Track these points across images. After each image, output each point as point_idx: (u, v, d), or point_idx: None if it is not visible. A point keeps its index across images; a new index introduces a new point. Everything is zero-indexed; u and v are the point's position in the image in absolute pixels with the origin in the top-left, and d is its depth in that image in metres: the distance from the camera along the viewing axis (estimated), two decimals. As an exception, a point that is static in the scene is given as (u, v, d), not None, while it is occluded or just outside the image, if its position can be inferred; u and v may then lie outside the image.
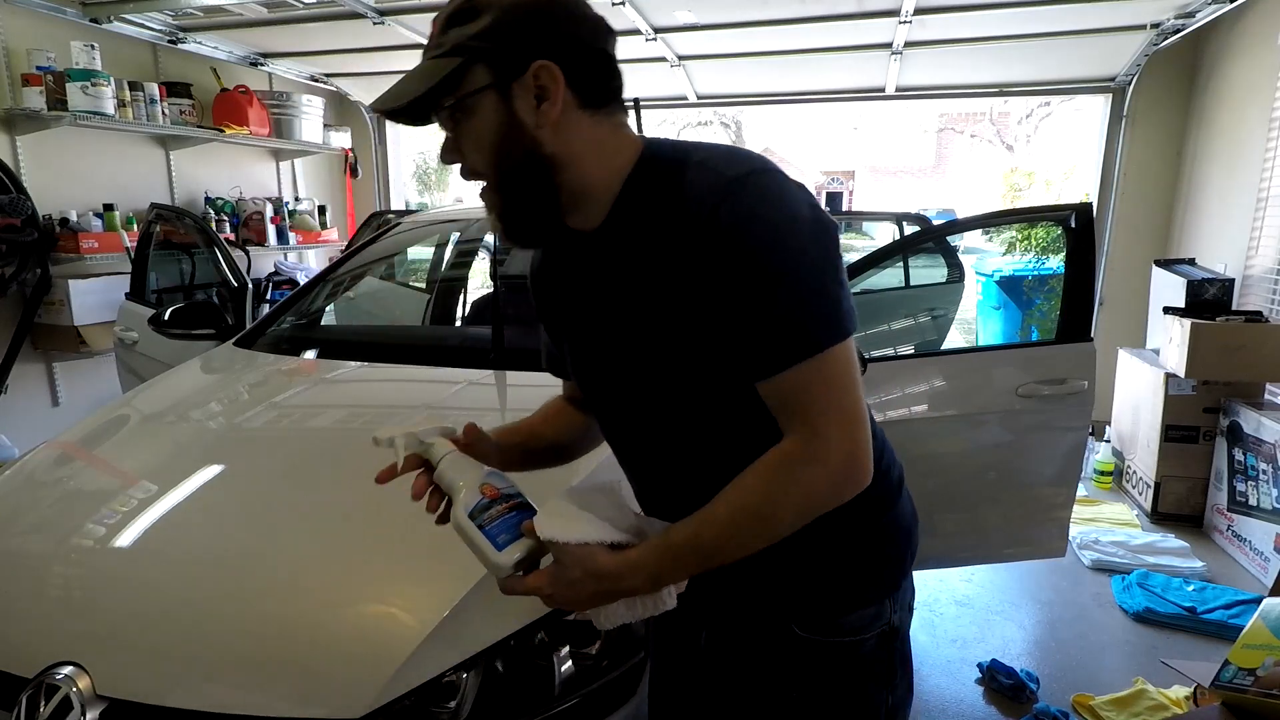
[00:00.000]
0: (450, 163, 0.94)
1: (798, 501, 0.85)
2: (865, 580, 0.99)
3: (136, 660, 1.10)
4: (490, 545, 0.87)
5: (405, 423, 0.94)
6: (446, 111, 0.88)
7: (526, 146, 0.88)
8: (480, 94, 0.86)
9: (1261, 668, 1.14)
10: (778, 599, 0.98)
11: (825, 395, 0.83)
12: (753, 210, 0.83)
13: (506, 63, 0.86)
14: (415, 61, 0.90)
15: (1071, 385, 2.21)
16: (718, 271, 0.83)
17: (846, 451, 0.84)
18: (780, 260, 0.82)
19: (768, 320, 0.83)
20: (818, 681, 0.99)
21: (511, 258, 2.69)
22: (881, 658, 1.01)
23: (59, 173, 3.79)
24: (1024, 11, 3.73)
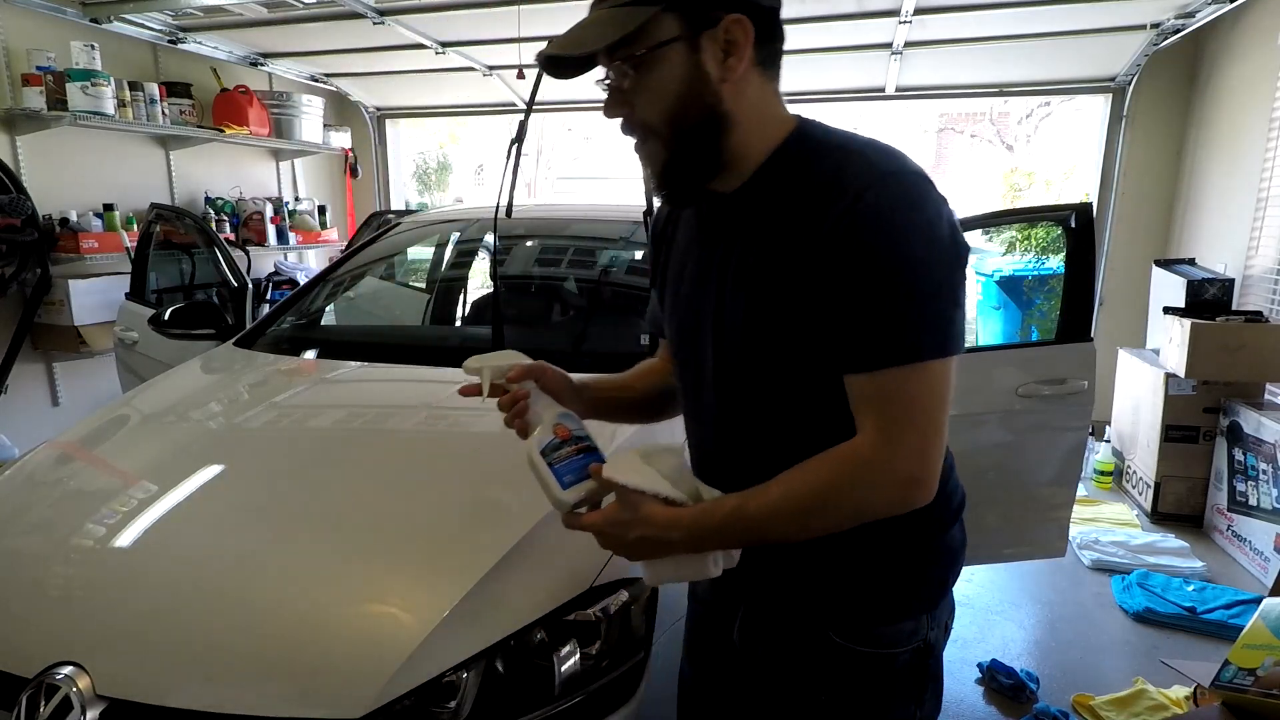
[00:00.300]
0: (615, 116, 0.93)
1: (854, 502, 0.85)
2: (907, 595, 0.98)
3: (136, 660, 1.10)
4: (556, 482, 0.93)
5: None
6: (628, 62, 0.87)
7: (708, 101, 0.88)
8: (670, 45, 0.85)
9: (1261, 668, 1.14)
10: (819, 601, 0.98)
11: (911, 406, 0.83)
12: (894, 208, 0.82)
13: (700, 13, 0.85)
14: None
15: (1071, 385, 2.21)
16: (843, 257, 0.83)
17: (915, 466, 0.83)
18: (906, 262, 0.81)
19: (877, 316, 0.82)
20: (848, 689, 0.99)
21: (511, 258, 2.69)
22: (913, 673, 1.00)
23: (59, 173, 3.79)
24: (1024, 11, 3.73)
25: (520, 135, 1.85)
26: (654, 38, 0.85)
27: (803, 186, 0.88)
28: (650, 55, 0.86)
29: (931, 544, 0.98)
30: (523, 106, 5.41)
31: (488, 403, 1.04)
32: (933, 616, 0.99)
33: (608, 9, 0.87)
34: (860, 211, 0.82)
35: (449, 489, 1.43)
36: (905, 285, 0.81)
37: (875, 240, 0.81)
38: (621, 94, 0.90)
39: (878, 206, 0.82)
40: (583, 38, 0.87)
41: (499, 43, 4.45)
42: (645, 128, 0.91)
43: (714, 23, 0.85)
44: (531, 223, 2.75)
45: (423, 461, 1.54)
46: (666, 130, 0.90)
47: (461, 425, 1.71)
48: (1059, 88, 5.01)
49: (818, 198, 0.85)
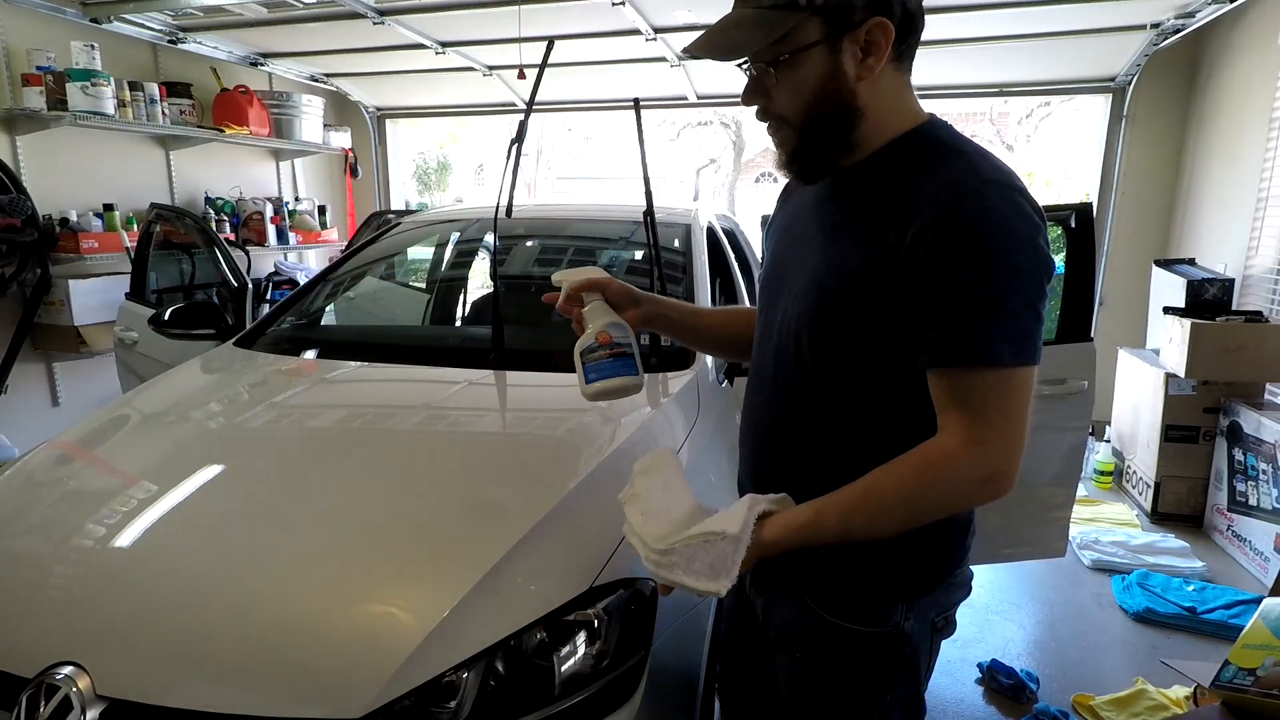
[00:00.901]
0: (753, 104, 1.00)
1: (947, 498, 0.91)
2: (884, 582, 1.04)
3: (136, 660, 1.10)
4: (582, 377, 1.10)
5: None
6: (770, 63, 0.93)
7: (843, 98, 0.94)
8: (812, 48, 0.91)
9: (1261, 668, 1.14)
10: (807, 572, 1.06)
11: (1001, 408, 0.88)
12: (995, 215, 0.87)
13: (843, 17, 0.91)
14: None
15: (1071, 385, 2.21)
16: (941, 250, 0.87)
17: (1003, 465, 0.88)
18: (1000, 268, 0.86)
19: (980, 315, 0.86)
20: (818, 653, 1.09)
21: (511, 258, 2.69)
22: (884, 657, 1.06)
23: (59, 173, 3.79)
24: (1024, 11, 3.73)
25: (520, 135, 1.85)
26: (797, 42, 0.91)
27: (913, 178, 0.93)
28: (793, 58, 0.92)
29: (919, 543, 1.01)
30: (523, 106, 5.42)
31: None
32: (910, 607, 1.04)
33: (753, 9, 0.92)
34: (960, 214, 0.87)
35: (449, 489, 1.43)
36: (996, 289, 0.86)
37: (971, 242, 0.86)
38: (760, 86, 0.97)
39: (977, 212, 0.87)
40: (735, 41, 0.93)
41: (499, 43, 4.45)
42: (780, 118, 0.98)
43: (856, 25, 0.91)
44: (531, 223, 2.75)
45: (423, 461, 1.54)
46: (800, 122, 0.96)
47: (462, 425, 1.71)
48: (1059, 88, 5.01)
49: (925, 191, 0.90)
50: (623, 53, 4.59)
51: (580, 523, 1.32)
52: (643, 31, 4.07)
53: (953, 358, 0.88)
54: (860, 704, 1.08)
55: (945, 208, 0.87)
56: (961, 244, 0.86)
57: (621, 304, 1.17)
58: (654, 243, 1.96)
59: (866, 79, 0.94)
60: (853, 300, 0.95)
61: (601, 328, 1.11)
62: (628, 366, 1.10)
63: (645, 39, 4.17)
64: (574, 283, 1.16)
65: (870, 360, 0.96)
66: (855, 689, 1.08)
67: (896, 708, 1.08)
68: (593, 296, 1.16)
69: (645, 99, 2.08)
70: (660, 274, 1.97)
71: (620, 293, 1.18)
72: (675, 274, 2.19)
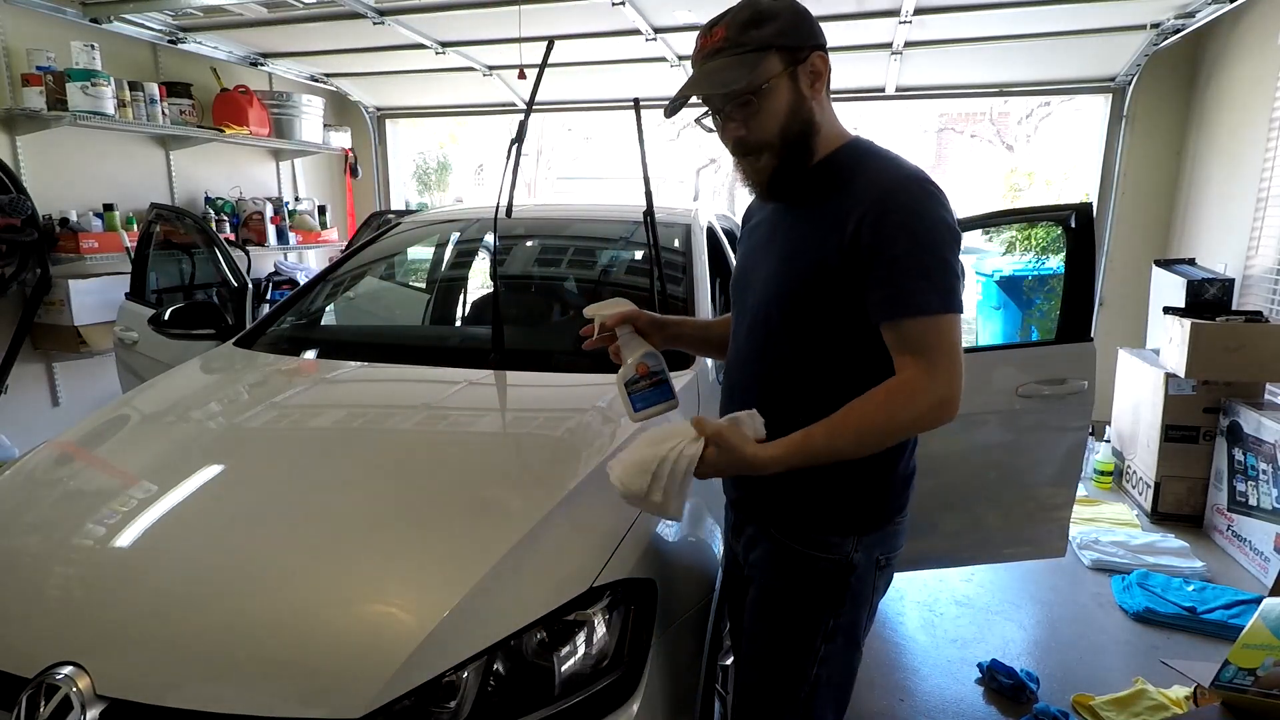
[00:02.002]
0: (734, 137, 1.22)
1: (910, 419, 1.13)
2: (836, 514, 1.25)
3: (136, 660, 1.10)
4: (629, 405, 1.29)
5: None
6: (748, 95, 1.16)
7: (806, 117, 1.19)
8: (778, 78, 1.16)
9: (1261, 668, 1.14)
10: (772, 503, 1.29)
11: (940, 345, 1.12)
12: (916, 202, 1.13)
13: (796, 53, 1.17)
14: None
15: (1071, 385, 2.21)
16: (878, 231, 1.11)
17: (952, 390, 1.12)
18: (923, 242, 1.11)
19: (913, 277, 1.11)
20: (776, 576, 1.30)
21: (511, 258, 2.69)
22: (831, 582, 1.26)
23: (59, 173, 3.79)
24: (1024, 11, 3.73)
25: (520, 135, 1.85)
26: (769, 73, 1.16)
27: (853, 180, 1.17)
28: (765, 88, 1.16)
29: (870, 486, 1.25)
30: (523, 106, 5.41)
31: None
32: (860, 540, 1.25)
33: (731, 56, 1.16)
34: (888, 207, 1.12)
35: (449, 489, 1.43)
36: (928, 258, 1.11)
37: (902, 227, 1.11)
38: (737, 120, 1.19)
39: (903, 204, 1.13)
40: (727, 79, 1.15)
41: (499, 43, 4.46)
42: (760, 144, 1.20)
43: (803, 59, 1.18)
44: (531, 223, 2.75)
45: (423, 462, 1.54)
46: (779, 142, 1.19)
47: (462, 425, 1.71)
48: (1059, 88, 5.01)
49: (863, 190, 1.15)
50: (623, 53, 4.59)
51: (580, 523, 1.32)
52: (643, 31, 4.07)
53: (897, 311, 1.12)
54: (807, 624, 1.27)
55: (878, 199, 1.13)
56: (894, 225, 1.11)
57: (649, 332, 1.37)
58: (654, 243, 1.96)
59: (817, 100, 1.20)
60: (813, 279, 1.19)
61: (639, 359, 1.30)
62: (666, 392, 1.30)
63: (645, 39, 4.17)
64: (606, 317, 1.34)
65: (829, 327, 1.20)
66: (805, 609, 1.27)
67: (839, 634, 1.27)
68: (624, 328, 1.33)
69: (645, 99, 2.08)
70: (660, 274, 1.97)
71: (649, 323, 1.38)
72: (675, 274, 2.19)
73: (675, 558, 1.42)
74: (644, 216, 1.95)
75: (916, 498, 1.32)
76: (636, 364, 1.29)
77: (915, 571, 3.08)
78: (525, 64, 3.95)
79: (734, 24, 1.17)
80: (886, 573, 1.31)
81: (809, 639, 1.27)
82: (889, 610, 2.91)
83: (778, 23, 1.16)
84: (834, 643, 1.27)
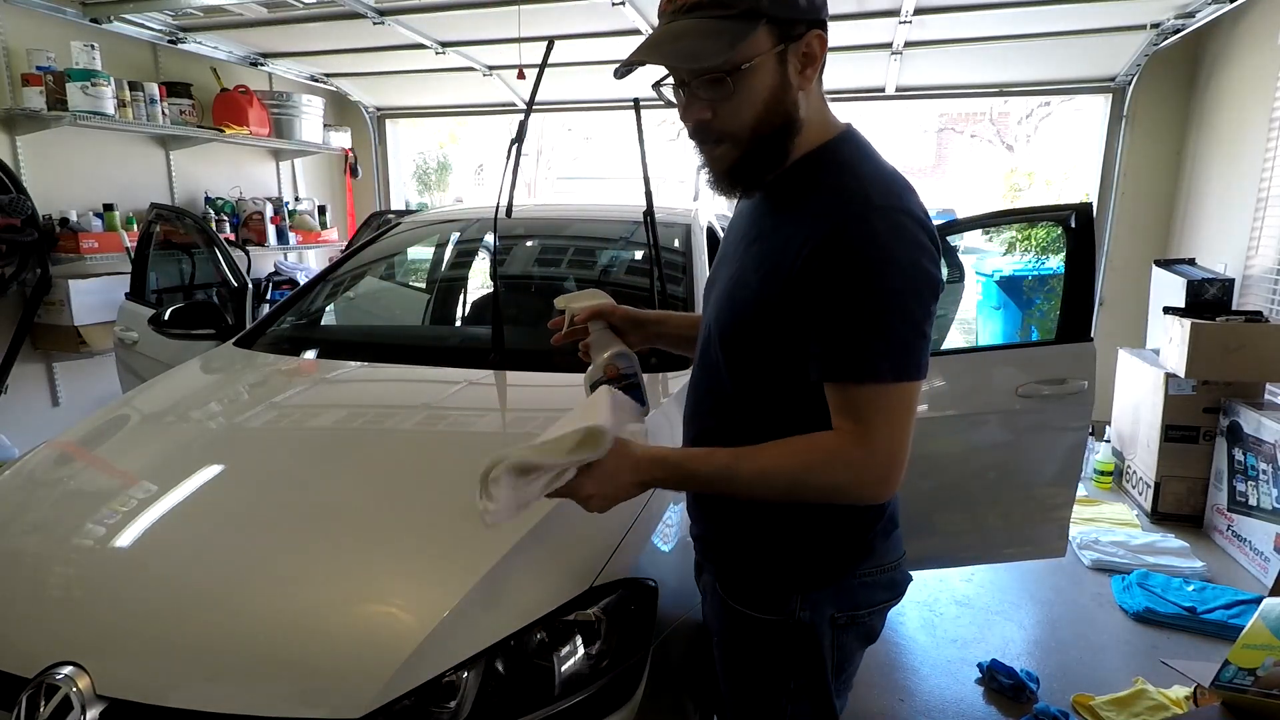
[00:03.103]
0: (698, 119, 0.97)
1: (827, 486, 0.95)
2: (777, 569, 1.09)
3: (136, 660, 1.10)
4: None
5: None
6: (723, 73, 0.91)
7: (787, 108, 0.96)
8: (764, 57, 0.92)
9: (1261, 668, 1.14)
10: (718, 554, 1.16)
11: (885, 420, 0.92)
12: (877, 240, 0.90)
13: (789, 29, 0.92)
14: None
15: (1071, 385, 2.21)
16: (824, 277, 0.91)
17: (889, 470, 0.93)
18: (880, 290, 0.89)
19: (854, 334, 0.91)
20: (738, 644, 1.15)
21: (511, 258, 2.69)
22: (784, 644, 1.10)
23: (59, 173, 3.79)
24: (1024, 11, 3.73)
25: (520, 135, 1.85)
26: (755, 50, 0.91)
27: (813, 196, 0.97)
28: (746, 69, 0.91)
29: (812, 538, 1.07)
30: (523, 106, 5.41)
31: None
32: (807, 598, 1.07)
33: (707, 19, 0.90)
34: (847, 238, 0.90)
35: (449, 489, 1.43)
36: (873, 311, 0.90)
37: (853, 267, 0.90)
38: (703, 100, 0.95)
39: (864, 237, 0.90)
40: (696, 49, 0.90)
41: (499, 43, 4.45)
42: (722, 133, 0.97)
43: (798, 37, 0.93)
44: (531, 223, 2.75)
45: (423, 461, 1.54)
46: (746, 135, 0.96)
47: (462, 425, 1.72)
48: (1059, 88, 5.01)
49: (816, 213, 0.94)
50: (623, 53, 4.55)
51: (580, 523, 1.31)
52: (643, 31, 4.07)
53: (835, 373, 0.93)
54: (766, 684, 1.13)
55: (832, 231, 0.91)
56: (844, 266, 0.90)
57: (625, 329, 1.21)
58: (654, 243, 1.96)
59: (806, 89, 0.96)
60: (754, 315, 1.00)
61: (608, 360, 1.15)
62: (636, 397, 1.13)
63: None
64: (576, 310, 1.19)
65: (770, 369, 1.01)
66: (763, 674, 1.13)
67: (804, 695, 1.11)
68: (597, 324, 1.19)
69: (645, 99, 2.09)
70: (660, 274, 1.97)
71: (624, 318, 1.22)
72: (675, 274, 2.19)
73: (675, 558, 1.42)
74: (644, 216, 1.95)
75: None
76: (605, 365, 1.15)
77: (915, 571, 3.07)
78: (525, 64, 3.95)
79: None
80: (856, 631, 1.13)
81: (774, 699, 1.13)
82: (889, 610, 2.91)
83: None
84: (800, 703, 1.12)
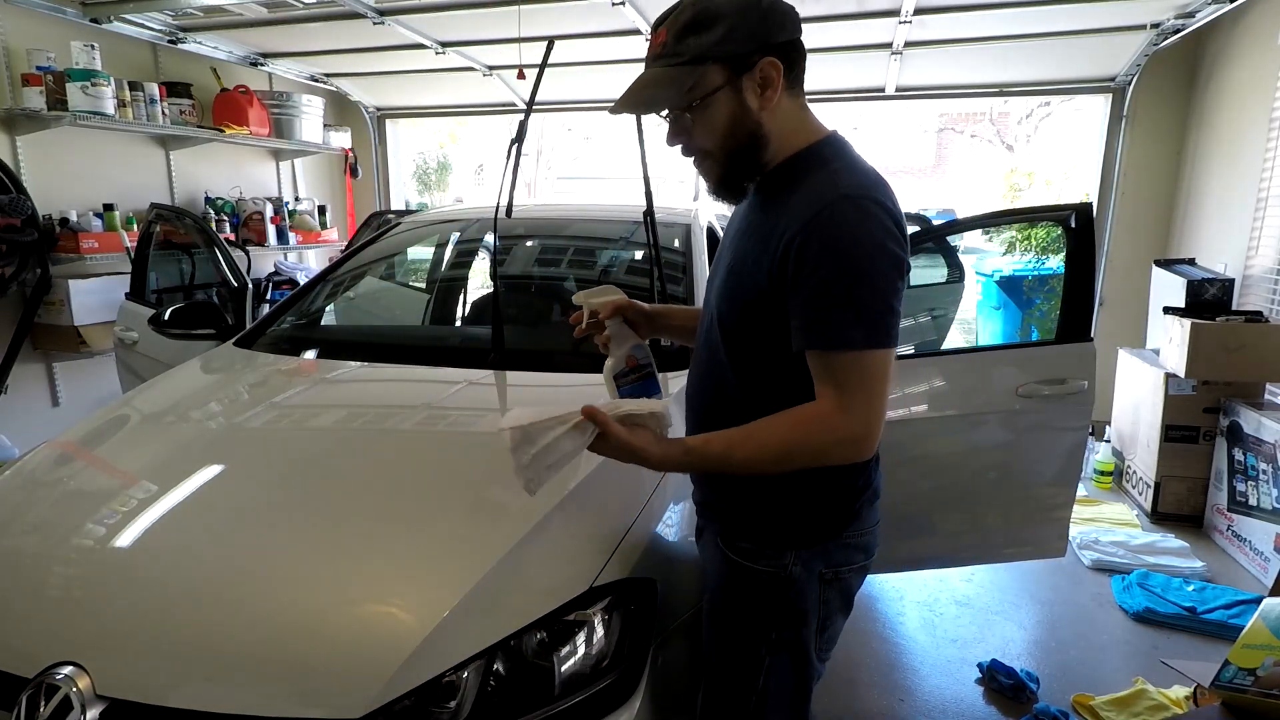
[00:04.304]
0: (675, 144, 1.16)
1: (813, 449, 1.07)
2: (775, 526, 1.21)
3: (136, 660, 1.10)
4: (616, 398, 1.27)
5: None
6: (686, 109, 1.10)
7: (750, 129, 1.11)
8: (718, 92, 1.08)
9: (1261, 668, 1.14)
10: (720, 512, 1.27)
11: (860, 384, 1.05)
12: (846, 224, 1.03)
13: (740, 62, 1.08)
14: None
15: (1071, 385, 2.21)
16: (802, 254, 1.04)
17: (861, 429, 1.06)
18: (850, 269, 1.03)
19: (828, 307, 1.04)
20: (729, 593, 1.26)
21: (511, 258, 2.69)
22: (769, 595, 1.22)
23: (59, 173, 3.79)
24: (1024, 11, 3.73)
25: (520, 135, 1.85)
26: (705, 89, 1.08)
27: (793, 192, 1.10)
28: (704, 102, 1.08)
29: (808, 502, 1.20)
30: (523, 106, 5.41)
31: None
32: (798, 554, 1.20)
33: (664, 68, 1.08)
34: (820, 224, 1.04)
35: (449, 489, 1.43)
36: (848, 285, 1.03)
37: (828, 247, 1.03)
38: (679, 128, 1.14)
39: (835, 222, 1.04)
40: (652, 98, 1.11)
41: (499, 43, 4.45)
42: (702, 152, 1.15)
43: (750, 67, 1.08)
44: (531, 223, 2.75)
45: (423, 462, 1.54)
46: (720, 153, 1.13)
47: (462, 425, 1.72)
48: (1059, 88, 5.01)
49: (795, 205, 1.08)
50: (623, 53, 4.59)
51: (580, 523, 1.32)
52: (643, 31, 4.07)
53: (814, 342, 1.06)
54: (750, 634, 1.24)
55: (808, 219, 1.04)
56: (818, 249, 1.03)
57: (638, 323, 1.35)
58: (654, 243, 1.96)
59: (767, 109, 1.11)
60: (748, 300, 1.14)
61: (628, 352, 1.30)
62: (652, 386, 1.31)
63: (645, 39, 4.17)
64: (599, 306, 1.31)
65: (768, 353, 1.14)
66: (746, 620, 1.24)
67: (783, 648, 1.23)
68: (614, 319, 1.31)
69: (645, 99, 2.07)
70: (660, 274, 1.97)
71: (638, 312, 1.35)
72: (675, 274, 2.19)
73: (675, 558, 1.42)
74: (644, 216, 1.95)
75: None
76: (626, 356, 1.29)
77: (915, 571, 3.08)
78: (525, 64, 3.95)
79: (673, 27, 1.08)
80: (837, 586, 1.24)
81: (753, 649, 1.24)
82: (889, 610, 2.91)
83: (721, 27, 1.05)
84: (779, 656, 1.23)
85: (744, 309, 1.15)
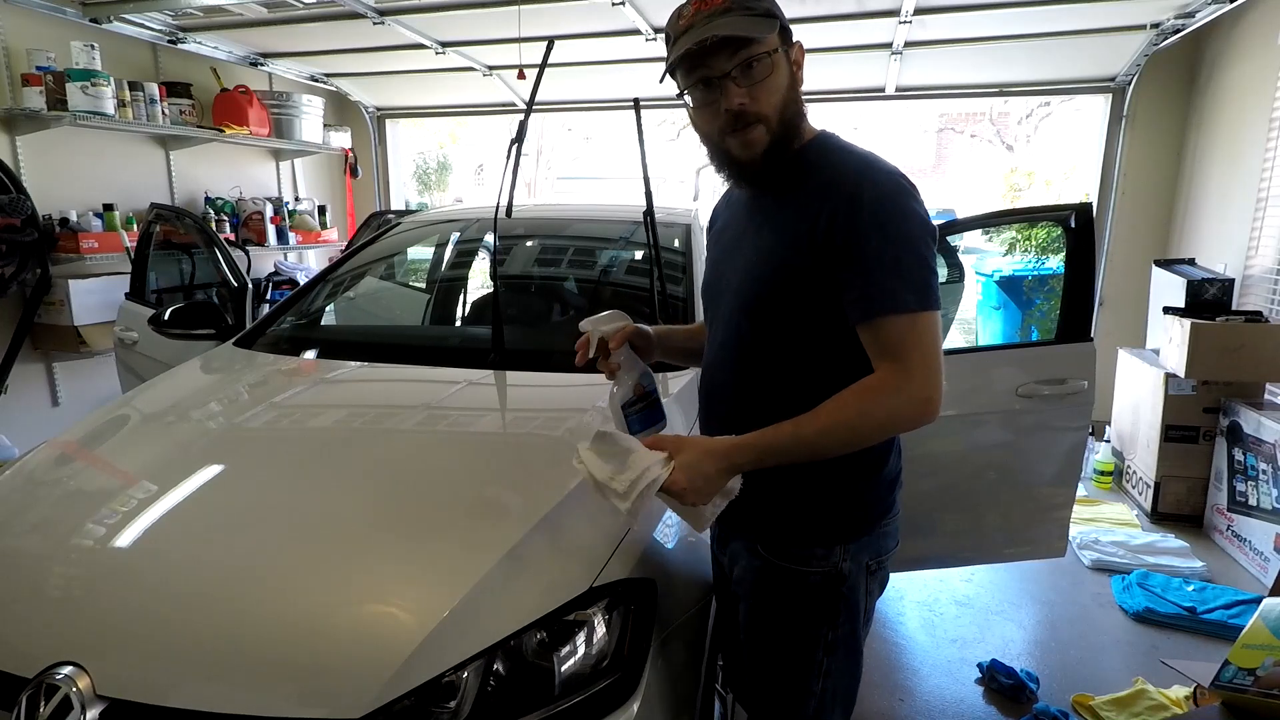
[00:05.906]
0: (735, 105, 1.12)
1: (881, 421, 1.09)
2: (821, 526, 1.22)
3: (136, 660, 1.10)
4: (626, 429, 1.26)
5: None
6: (753, 57, 1.10)
7: (798, 99, 1.17)
8: (778, 51, 1.13)
9: (1261, 668, 1.14)
10: (757, 521, 1.25)
11: (917, 345, 1.08)
12: (887, 195, 1.09)
13: (788, 36, 1.16)
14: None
15: (1071, 385, 2.21)
16: (851, 227, 1.08)
17: (927, 391, 1.08)
18: (901, 237, 1.08)
19: (887, 275, 1.07)
20: (767, 595, 1.26)
21: (511, 258, 2.69)
22: (824, 594, 1.22)
23: (59, 173, 3.79)
24: (1024, 11, 3.73)
25: (520, 135, 1.85)
26: (774, 44, 1.12)
27: (823, 174, 1.14)
28: (773, 56, 1.12)
29: (852, 492, 1.21)
30: (522, 106, 5.41)
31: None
32: (847, 549, 1.21)
33: (737, 16, 1.10)
34: (861, 199, 1.08)
35: (449, 489, 1.43)
36: (901, 253, 1.07)
37: (874, 220, 1.08)
38: (742, 88, 1.12)
39: (877, 194, 1.09)
40: (746, 26, 1.09)
41: (499, 43, 4.45)
42: (759, 115, 1.13)
43: (792, 44, 1.17)
44: (531, 223, 2.75)
45: (423, 462, 1.54)
46: (776, 118, 1.14)
47: (462, 425, 1.71)
48: (1059, 88, 5.01)
49: (833, 184, 1.12)
50: (623, 53, 4.59)
51: (580, 522, 1.32)
52: (643, 31, 4.07)
53: (873, 310, 1.08)
54: (805, 640, 1.24)
55: (850, 195, 1.09)
56: (866, 221, 1.08)
57: (643, 346, 1.35)
58: (654, 243, 1.96)
59: (799, 88, 1.18)
60: (781, 284, 1.15)
61: (636, 380, 1.29)
62: (658, 413, 1.31)
63: (645, 39, 4.17)
64: (608, 334, 1.30)
65: (802, 334, 1.16)
66: (801, 625, 1.23)
67: (839, 645, 1.23)
68: (618, 350, 1.29)
69: (645, 99, 2.09)
70: (660, 274, 1.97)
71: (644, 337, 1.35)
72: (675, 274, 2.19)
73: (675, 558, 1.42)
74: (644, 216, 1.95)
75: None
76: (634, 385, 1.28)
77: (915, 571, 3.08)
78: (525, 64, 3.95)
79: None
80: (879, 575, 1.27)
81: (809, 654, 1.24)
82: (889, 610, 2.91)
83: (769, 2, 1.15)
84: (835, 654, 1.24)
85: (777, 298, 1.16)
